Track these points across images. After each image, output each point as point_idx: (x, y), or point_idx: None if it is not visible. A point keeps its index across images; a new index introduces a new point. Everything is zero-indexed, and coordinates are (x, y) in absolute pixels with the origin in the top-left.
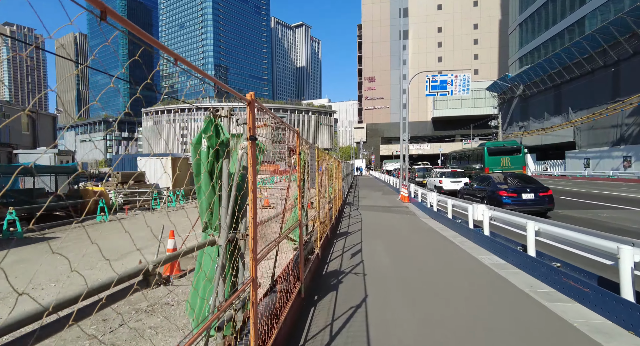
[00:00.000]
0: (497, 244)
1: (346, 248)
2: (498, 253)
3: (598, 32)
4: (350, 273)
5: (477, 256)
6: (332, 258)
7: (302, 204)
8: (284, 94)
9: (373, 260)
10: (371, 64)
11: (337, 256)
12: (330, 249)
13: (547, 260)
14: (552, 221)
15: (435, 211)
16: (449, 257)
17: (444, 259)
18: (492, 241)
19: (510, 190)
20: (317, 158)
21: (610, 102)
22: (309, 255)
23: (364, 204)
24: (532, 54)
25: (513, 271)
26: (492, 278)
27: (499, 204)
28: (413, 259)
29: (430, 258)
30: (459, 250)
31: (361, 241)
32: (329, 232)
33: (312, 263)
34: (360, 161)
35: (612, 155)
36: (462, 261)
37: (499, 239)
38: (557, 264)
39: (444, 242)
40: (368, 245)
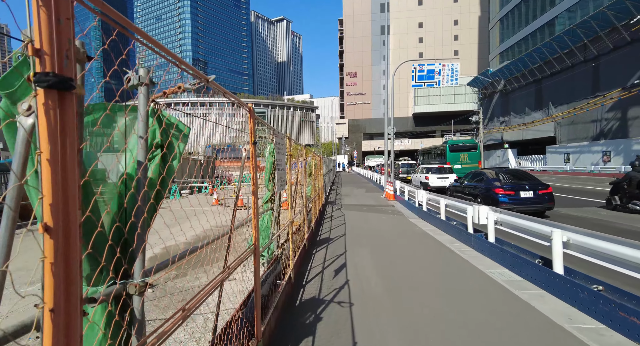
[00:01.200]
0: (507, 255)
1: (328, 261)
2: (510, 266)
3: (579, 26)
4: (332, 301)
5: (485, 270)
6: (309, 277)
7: (273, 210)
8: (265, 89)
9: (360, 279)
10: (352, 59)
11: (316, 274)
12: (308, 263)
13: (583, 280)
14: (585, 230)
15: (425, 210)
16: (451, 272)
17: (446, 274)
18: (501, 251)
19: (507, 187)
20: (289, 151)
21: (591, 97)
22: (276, 281)
23: (347, 203)
24: (513, 49)
25: (536, 293)
26: (513, 304)
27: (494, 203)
28: (409, 277)
29: (430, 274)
30: (461, 261)
31: (345, 251)
32: (306, 241)
33: (282, 293)
34: (343, 157)
35: (592, 150)
36: (469, 278)
37: (508, 248)
38: (599, 287)
39: (440, 250)
40: (353, 257)
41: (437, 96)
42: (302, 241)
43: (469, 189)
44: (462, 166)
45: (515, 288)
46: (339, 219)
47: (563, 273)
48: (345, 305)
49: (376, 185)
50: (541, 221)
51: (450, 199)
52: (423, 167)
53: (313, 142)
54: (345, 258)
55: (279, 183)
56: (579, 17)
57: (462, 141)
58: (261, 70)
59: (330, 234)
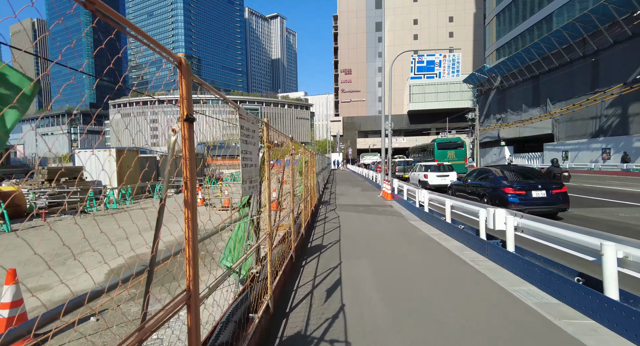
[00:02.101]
0: (534, 269)
1: (319, 276)
2: (539, 284)
3: (578, 20)
4: (323, 339)
5: (508, 288)
6: (295, 301)
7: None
8: (259, 87)
9: (359, 304)
10: (347, 56)
11: (305, 295)
12: (294, 280)
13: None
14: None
15: (427, 212)
16: (468, 291)
17: (463, 295)
18: (525, 264)
19: (517, 187)
20: (267, 142)
21: (590, 94)
22: (249, 314)
23: (342, 203)
24: (510, 45)
25: (585, 325)
26: (559, 341)
27: (502, 204)
28: (418, 299)
29: (442, 294)
30: (477, 276)
31: (340, 263)
32: (294, 252)
33: (255, 332)
34: (337, 154)
35: (591, 147)
36: (492, 300)
37: (533, 260)
38: None
39: (451, 260)
40: (350, 270)
41: (432, 94)
42: (289, 252)
43: (474, 189)
44: (449, 162)
45: (554, 316)
46: (334, 222)
47: (619, 299)
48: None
49: (372, 183)
50: (583, 230)
51: (456, 199)
52: (421, 165)
53: (308, 139)
54: (340, 273)
55: (246, 184)
56: (578, 12)
57: (449, 139)
58: (255, 67)
59: (323, 240)
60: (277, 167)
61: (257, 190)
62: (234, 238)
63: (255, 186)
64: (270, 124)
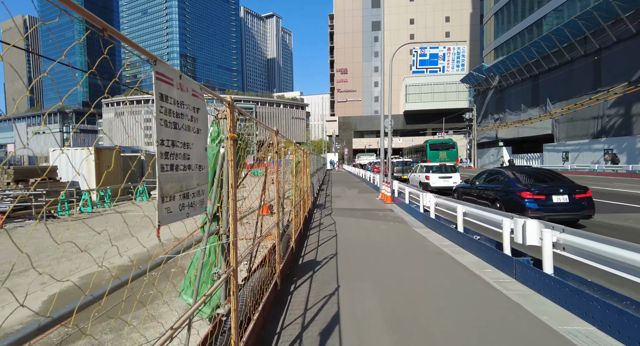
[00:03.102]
0: (591, 303)
1: (310, 312)
2: (602, 324)
3: (580, 18)
4: None
5: (557, 328)
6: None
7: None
8: (254, 86)
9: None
10: (343, 55)
11: (290, 344)
12: (278, 319)
13: None
14: None
15: (433, 218)
16: (507, 333)
17: (503, 343)
18: (576, 294)
19: (535, 190)
20: (230, 133)
21: (591, 93)
22: None
23: (339, 207)
24: (508, 44)
25: None
26: None
27: (518, 210)
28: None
29: (476, 339)
30: (511, 307)
31: (337, 289)
32: (278, 278)
33: None
34: (333, 154)
35: (593, 148)
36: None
37: (587, 290)
38: None
39: (471, 281)
40: (350, 303)
41: (428, 94)
42: (272, 279)
43: (484, 192)
44: (441, 163)
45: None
46: (329, 230)
47: None
48: None
49: (370, 185)
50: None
51: (469, 205)
52: (422, 165)
53: (303, 139)
54: (338, 303)
55: (175, 200)
56: (579, 9)
57: (441, 140)
58: (250, 66)
59: (317, 253)
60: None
61: (203, 210)
62: (196, 264)
63: (202, 200)
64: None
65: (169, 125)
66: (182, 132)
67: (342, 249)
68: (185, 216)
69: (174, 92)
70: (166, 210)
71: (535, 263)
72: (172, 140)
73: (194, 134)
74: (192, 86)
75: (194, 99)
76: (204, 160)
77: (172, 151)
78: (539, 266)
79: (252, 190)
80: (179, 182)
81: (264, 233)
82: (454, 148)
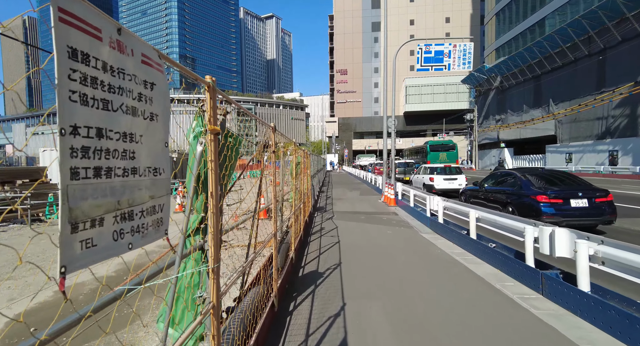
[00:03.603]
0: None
1: (313, 339)
2: None
3: (584, 17)
4: None
5: None
6: None
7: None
8: (254, 87)
9: None
10: (343, 56)
11: None
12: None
13: None
14: None
15: (442, 222)
16: None
17: None
18: (623, 317)
19: (552, 194)
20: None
21: (595, 93)
22: None
23: (340, 210)
24: (510, 44)
25: None
26: None
27: (533, 215)
28: None
29: None
30: (547, 332)
31: (343, 308)
32: (275, 297)
33: None
34: (333, 155)
35: (597, 149)
36: None
37: (632, 311)
38: None
39: (491, 296)
40: (358, 326)
41: (428, 95)
42: (269, 299)
43: (494, 195)
44: (446, 164)
45: None
46: (331, 235)
47: None
48: None
49: (371, 186)
50: None
51: (483, 210)
52: (426, 166)
53: (303, 141)
54: (344, 327)
55: (98, 207)
56: (582, 9)
57: (442, 142)
58: (250, 67)
59: (318, 263)
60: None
61: (160, 229)
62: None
63: (160, 220)
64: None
65: (91, 102)
66: (120, 117)
67: (346, 258)
68: (126, 249)
69: (102, 51)
70: (83, 244)
71: (564, 277)
72: (99, 127)
73: (146, 120)
74: (142, 49)
75: (145, 69)
76: (165, 161)
77: (100, 146)
78: (571, 280)
79: (247, 194)
80: (113, 196)
81: (259, 247)
82: (454, 149)
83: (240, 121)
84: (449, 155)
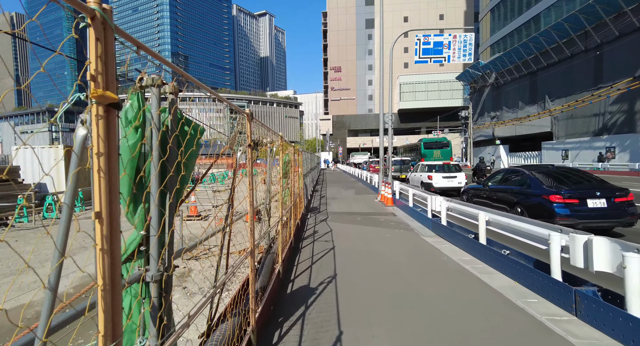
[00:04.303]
0: None
1: None
2: None
3: (581, 11)
4: None
5: None
6: None
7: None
8: (247, 85)
9: None
10: (337, 53)
11: None
12: None
13: None
14: None
15: (445, 225)
16: None
17: None
18: None
19: (567, 193)
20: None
21: (592, 89)
22: None
23: (335, 211)
24: (505, 40)
25: None
26: None
27: (545, 216)
28: None
29: None
30: None
31: (339, 339)
32: (253, 332)
33: None
34: (327, 153)
35: (594, 146)
36: None
37: None
38: None
39: (512, 315)
40: None
41: (422, 92)
42: (245, 335)
43: (500, 195)
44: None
45: None
46: (325, 240)
47: None
48: None
49: (366, 185)
50: None
51: (495, 212)
52: (424, 164)
53: (297, 138)
54: None
55: None
56: (579, 4)
57: (435, 139)
58: (243, 65)
59: (310, 276)
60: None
61: None
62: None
63: None
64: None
65: None
66: None
67: (342, 268)
68: None
69: None
70: None
71: (603, 295)
72: None
73: None
74: None
75: None
76: None
77: None
78: (613, 301)
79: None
80: None
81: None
82: (448, 147)
83: (233, 119)
84: (443, 152)
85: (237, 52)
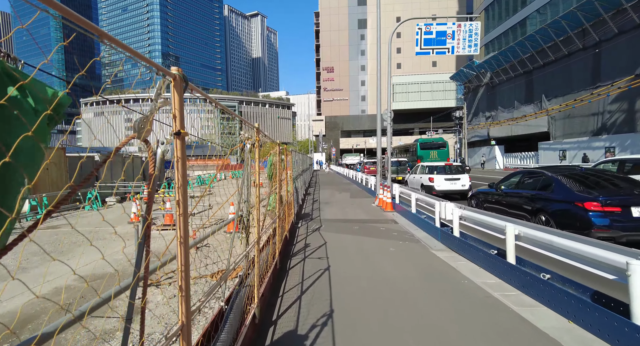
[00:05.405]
0: None
1: None
2: None
3: (579, 8)
4: None
5: None
6: None
7: None
8: (239, 86)
9: None
10: (329, 54)
11: None
12: None
13: None
14: None
15: (457, 235)
16: None
17: None
18: None
19: (606, 200)
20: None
21: (590, 88)
22: None
23: (329, 218)
24: (500, 39)
25: None
26: None
27: (578, 226)
28: None
29: None
30: None
31: None
32: None
33: None
34: (320, 154)
35: (593, 146)
36: None
37: None
38: None
39: None
40: None
41: (415, 93)
42: None
43: (518, 200)
44: (447, 163)
45: None
46: (318, 257)
47: None
48: None
49: (362, 187)
50: None
51: (527, 225)
52: (424, 165)
53: (290, 140)
54: None
55: None
56: (575, 2)
57: (432, 139)
58: (235, 66)
59: (298, 316)
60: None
61: None
62: None
63: None
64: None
65: None
66: None
67: (340, 301)
68: None
69: None
70: None
71: None
72: None
73: None
74: None
75: None
76: None
77: None
78: None
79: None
80: None
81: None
82: (445, 147)
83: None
84: (439, 153)
85: (228, 53)
